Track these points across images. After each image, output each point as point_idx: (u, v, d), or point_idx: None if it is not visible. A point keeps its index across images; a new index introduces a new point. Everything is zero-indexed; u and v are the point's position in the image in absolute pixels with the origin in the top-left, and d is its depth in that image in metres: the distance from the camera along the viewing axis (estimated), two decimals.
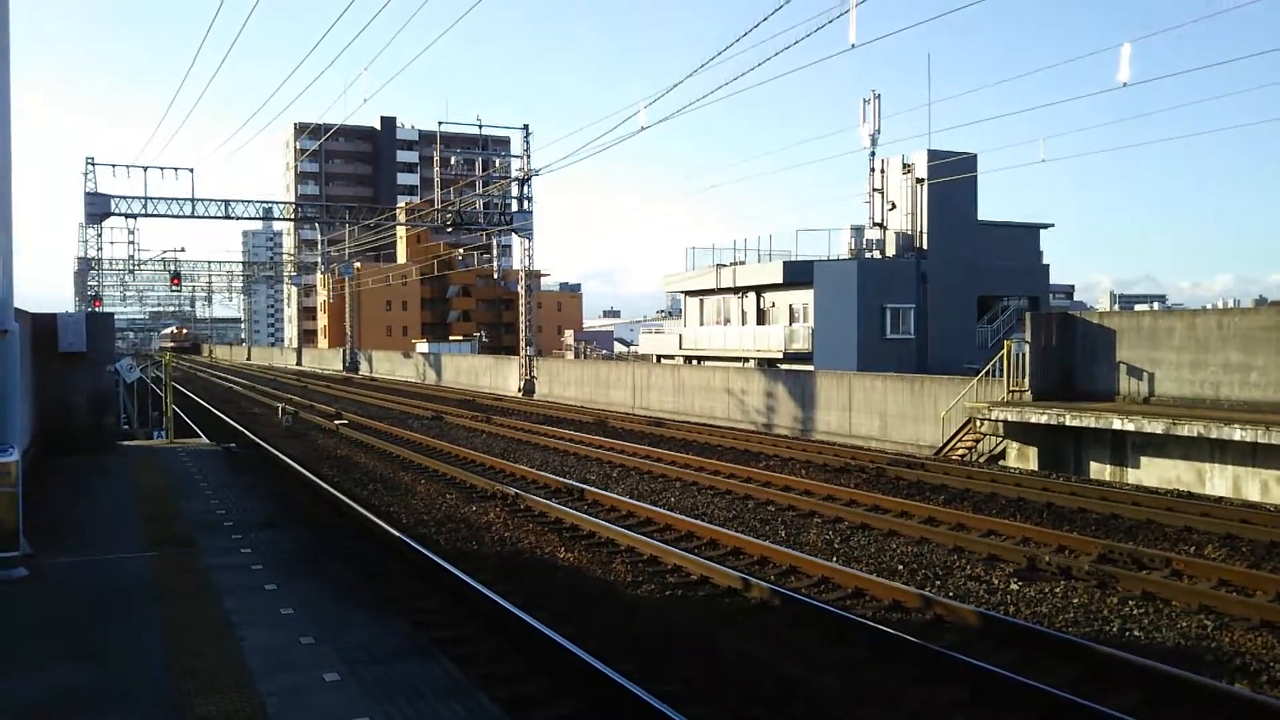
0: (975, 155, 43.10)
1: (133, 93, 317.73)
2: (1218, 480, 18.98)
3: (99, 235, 49.62)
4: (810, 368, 39.87)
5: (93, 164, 46.08)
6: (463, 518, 16.53)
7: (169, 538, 13.42)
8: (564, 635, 9.09)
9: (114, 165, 45.89)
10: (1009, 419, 22.37)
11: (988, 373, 24.71)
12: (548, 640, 9.06)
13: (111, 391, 25.94)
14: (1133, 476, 20.42)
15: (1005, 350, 24.04)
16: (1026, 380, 23.58)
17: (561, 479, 19.77)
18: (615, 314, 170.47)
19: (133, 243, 55.72)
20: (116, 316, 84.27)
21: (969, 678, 8.40)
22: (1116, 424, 19.86)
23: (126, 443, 25.49)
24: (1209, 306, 41.97)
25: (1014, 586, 11.74)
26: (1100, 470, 21.22)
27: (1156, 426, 19.06)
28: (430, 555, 12.71)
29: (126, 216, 46.98)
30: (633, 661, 8.84)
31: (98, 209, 45.83)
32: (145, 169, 45.31)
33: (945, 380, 26.66)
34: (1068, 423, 20.87)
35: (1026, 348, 23.74)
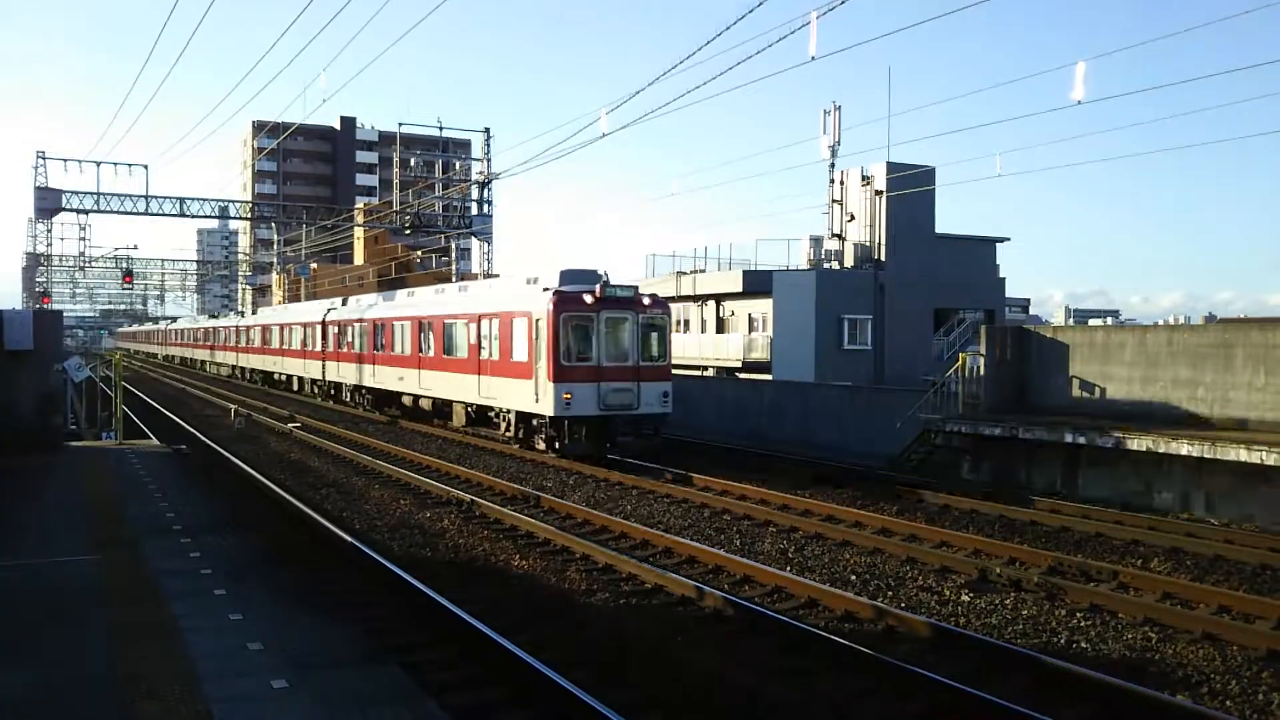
0: (934, 169, 43.39)
1: (86, 87, 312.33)
2: (1165, 494, 19.29)
3: (49, 231, 48.69)
4: (768, 377, 40.02)
5: (44, 158, 45.25)
6: (417, 524, 16.40)
7: (116, 541, 13.20)
8: (517, 643, 9.04)
9: (65, 160, 45.08)
10: (963, 431, 22.60)
11: (943, 385, 24.94)
12: (500, 648, 9.01)
13: (59, 391, 25.48)
14: (1083, 490, 20.70)
15: (960, 363, 24.28)
16: (981, 393, 23.82)
17: (517, 485, 19.68)
18: None
19: (84, 239, 54.77)
20: (66, 314, 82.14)
21: (921, 689, 8.48)
22: (1068, 437, 20.13)
23: (74, 443, 25.05)
24: (1159, 322, 42.66)
25: (965, 598, 11.86)
26: (1052, 483, 21.49)
27: (1107, 441, 19.35)
28: (383, 561, 12.60)
29: (78, 212, 46.19)
30: (586, 670, 8.82)
31: (48, 204, 44.96)
32: (98, 164, 44.51)
33: (901, 392, 26.84)
34: (1020, 435, 21.11)
35: (981, 360, 23.98)
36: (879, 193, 43.94)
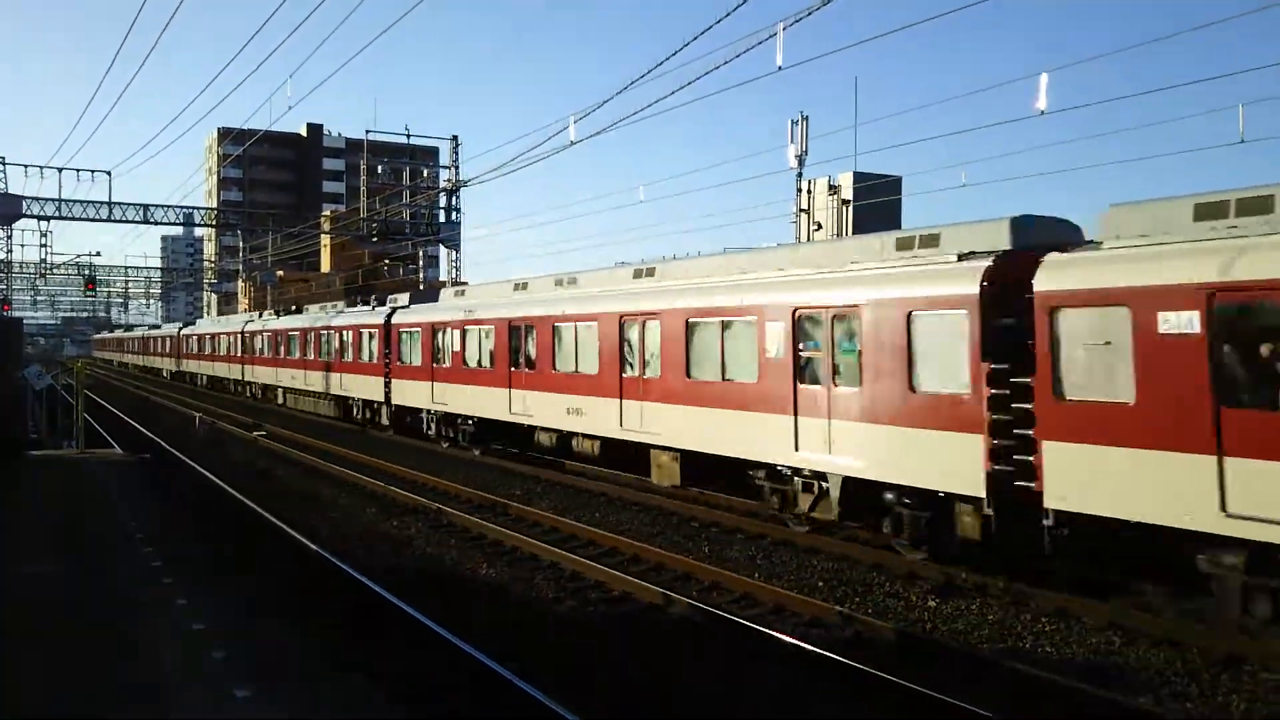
0: (900, 178, 43.82)
1: (47, 93, 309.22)
2: None
3: (9, 237, 48.09)
4: None
5: (3, 163, 44.72)
6: (383, 532, 16.29)
7: (76, 550, 13.03)
8: (485, 652, 9.00)
9: (26, 166, 44.55)
10: None
11: None
12: (467, 656, 8.97)
13: (19, 399, 25.14)
14: None
15: None
16: None
17: (485, 494, 19.60)
18: None
19: (45, 245, 54.10)
20: (26, 322, 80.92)
21: (884, 693, 8.53)
22: None
23: (35, 452, 24.68)
24: None
25: (931, 603, 11.92)
26: None
27: None
28: (348, 570, 12.50)
29: (39, 219, 45.65)
30: (552, 678, 8.78)
31: (8, 210, 44.41)
32: (60, 170, 44.06)
33: None
34: None
35: None
36: (845, 202, 44.20)
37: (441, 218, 50.71)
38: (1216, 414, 9.69)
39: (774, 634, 10.22)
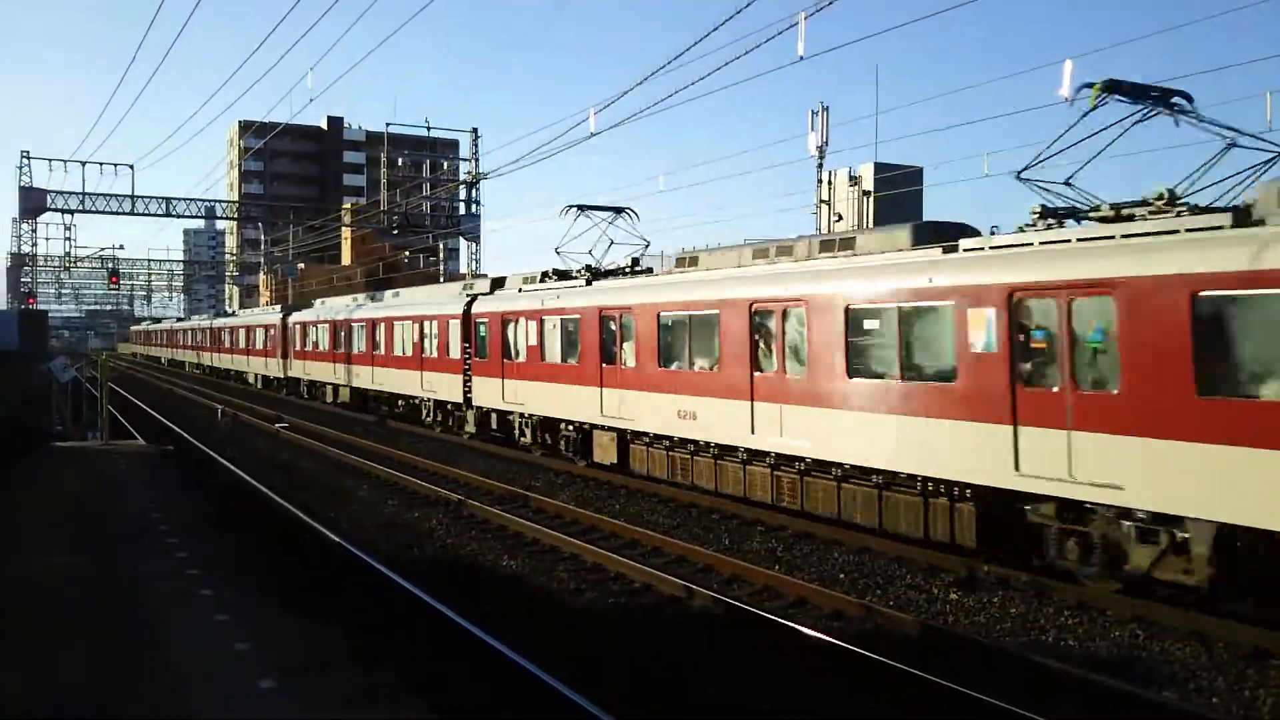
0: (921, 168, 43.49)
1: (71, 87, 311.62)
2: None
3: (34, 231, 48.49)
4: None
5: (28, 158, 45.07)
6: (405, 524, 16.35)
7: (101, 541, 13.13)
8: (504, 642, 9.02)
9: (50, 160, 44.90)
10: None
11: None
12: (488, 648, 8.99)
13: (44, 392, 25.36)
14: None
15: None
16: None
17: (506, 485, 19.63)
18: None
19: (69, 239, 54.60)
20: (51, 315, 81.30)
21: (900, 684, 8.50)
22: None
23: (60, 444, 24.89)
24: None
25: (954, 596, 11.86)
26: None
27: None
28: (370, 561, 12.55)
29: (63, 212, 46.02)
30: (572, 669, 8.79)
31: (33, 204, 44.80)
32: (83, 164, 44.37)
33: None
34: None
35: None
36: (866, 193, 43.98)
37: (462, 210, 50.80)
38: None
39: (796, 627, 10.20)
